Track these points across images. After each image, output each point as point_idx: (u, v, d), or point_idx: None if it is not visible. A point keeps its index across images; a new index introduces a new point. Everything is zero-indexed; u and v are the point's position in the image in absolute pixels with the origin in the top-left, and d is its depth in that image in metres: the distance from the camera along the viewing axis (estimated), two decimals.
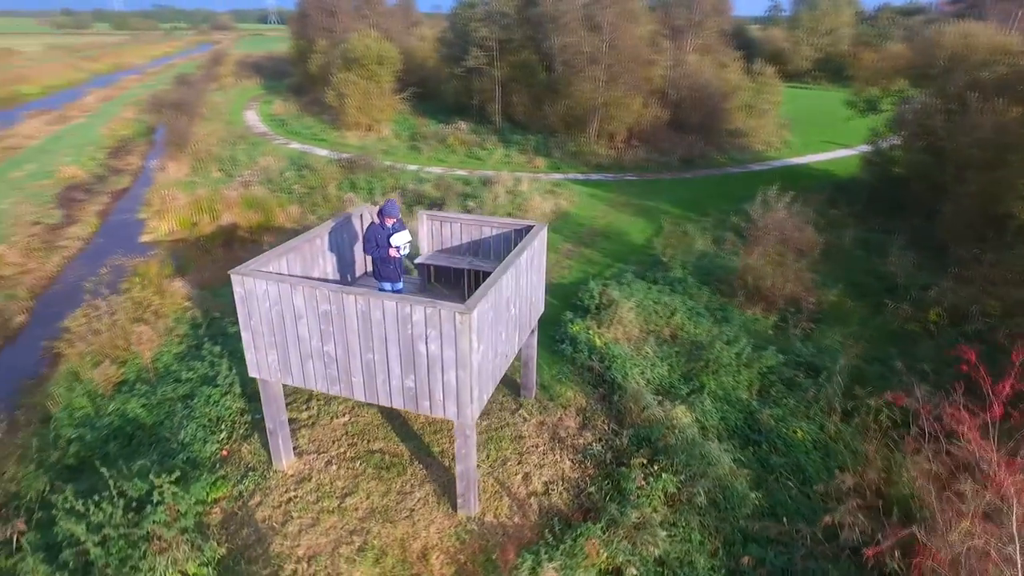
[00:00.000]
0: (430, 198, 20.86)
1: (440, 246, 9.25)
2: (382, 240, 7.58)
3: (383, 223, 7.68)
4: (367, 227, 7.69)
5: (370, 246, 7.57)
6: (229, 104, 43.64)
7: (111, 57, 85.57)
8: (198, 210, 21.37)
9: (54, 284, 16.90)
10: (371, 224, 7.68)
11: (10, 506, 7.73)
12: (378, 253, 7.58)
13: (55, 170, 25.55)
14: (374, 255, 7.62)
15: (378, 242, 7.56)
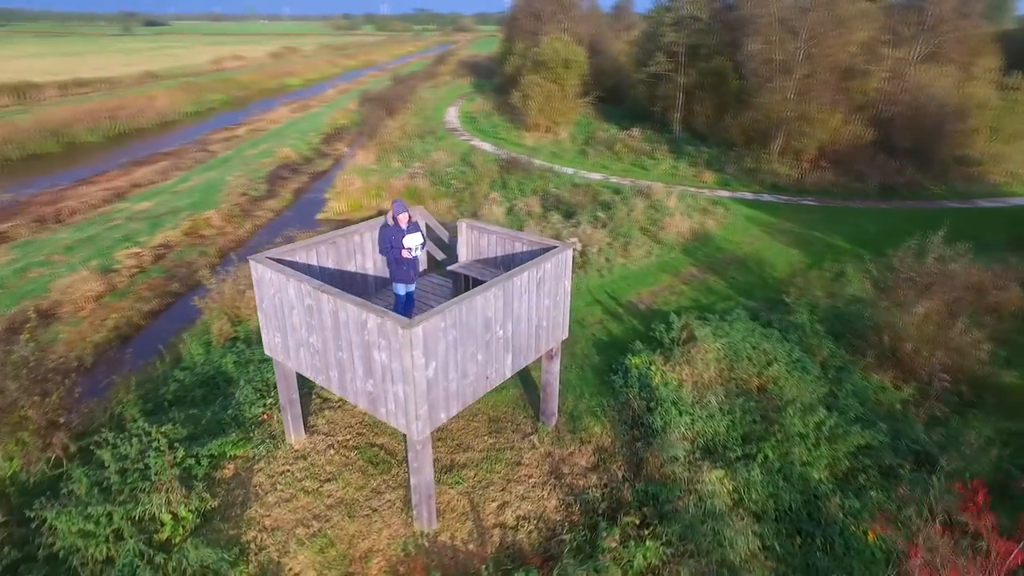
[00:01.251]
0: (567, 204, 20.71)
1: (477, 255, 9.21)
2: (396, 241, 7.76)
3: (396, 224, 7.86)
4: (380, 228, 7.94)
5: (384, 247, 7.80)
6: (436, 100, 47.58)
7: (363, 55, 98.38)
8: (366, 195, 23.81)
9: (240, 247, 20.12)
10: (384, 225, 7.91)
11: (107, 425, 9.46)
12: (392, 254, 7.78)
13: (275, 151, 30.29)
14: (388, 256, 7.84)
15: (392, 243, 7.75)
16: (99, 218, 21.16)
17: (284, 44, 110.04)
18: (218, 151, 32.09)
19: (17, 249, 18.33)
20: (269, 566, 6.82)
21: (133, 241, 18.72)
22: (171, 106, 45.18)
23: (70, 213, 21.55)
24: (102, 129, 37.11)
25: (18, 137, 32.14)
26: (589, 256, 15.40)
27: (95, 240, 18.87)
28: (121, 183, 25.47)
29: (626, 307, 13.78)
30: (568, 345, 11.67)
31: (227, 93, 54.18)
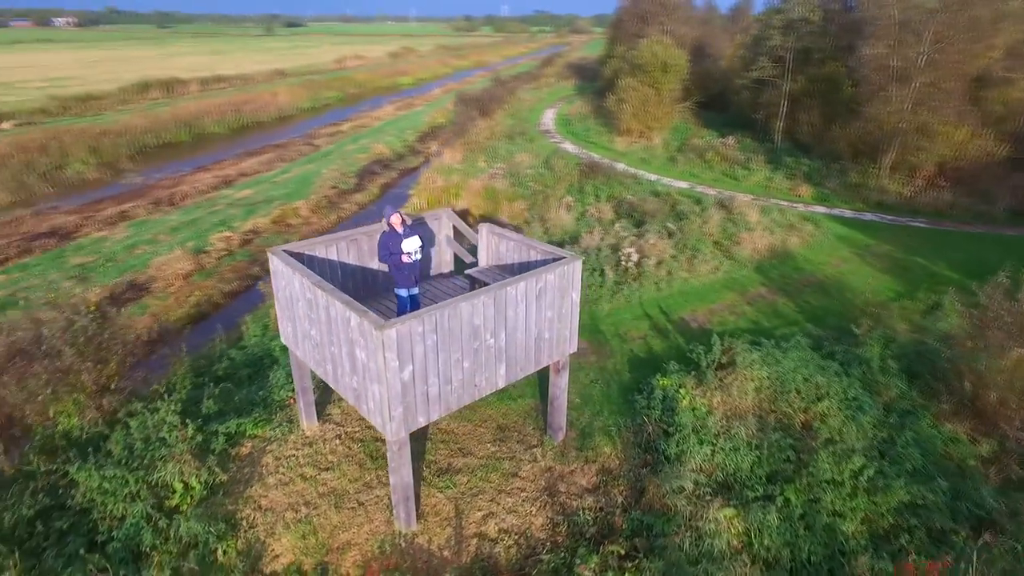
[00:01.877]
0: (641, 212, 20.07)
1: (496, 261, 9.12)
2: (394, 247, 7.84)
3: (392, 229, 7.94)
4: (380, 235, 8.03)
5: (383, 253, 7.87)
6: (535, 102, 47.81)
7: (475, 56, 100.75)
8: (445, 193, 24.37)
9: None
10: (383, 232, 8.00)
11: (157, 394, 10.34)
12: (392, 260, 7.86)
13: (371, 147, 31.76)
14: (388, 262, 7.92)
15: (391, 249, 7.84)
16: (205, 203, 23.20)
17: (403, 44, 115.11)
18: (321, 145, 34.13)
19: (133, 227, 20.50)
20: (255, 544, 7.17)
21: (228, 226, 20.34)
22: (290, 102, 48.61)
23: (182, 197, 23.80)
24: (227, 122, 40.64)
25: (156, 127, 35.92)
26: (645, 268, 14.83)
27: (196, 223, 20.69)
28: (231, 171, 27.78)
29: (677, 324, 13.14)
30: (600, 359, 11.32)
31: (342, 90, 57.48)
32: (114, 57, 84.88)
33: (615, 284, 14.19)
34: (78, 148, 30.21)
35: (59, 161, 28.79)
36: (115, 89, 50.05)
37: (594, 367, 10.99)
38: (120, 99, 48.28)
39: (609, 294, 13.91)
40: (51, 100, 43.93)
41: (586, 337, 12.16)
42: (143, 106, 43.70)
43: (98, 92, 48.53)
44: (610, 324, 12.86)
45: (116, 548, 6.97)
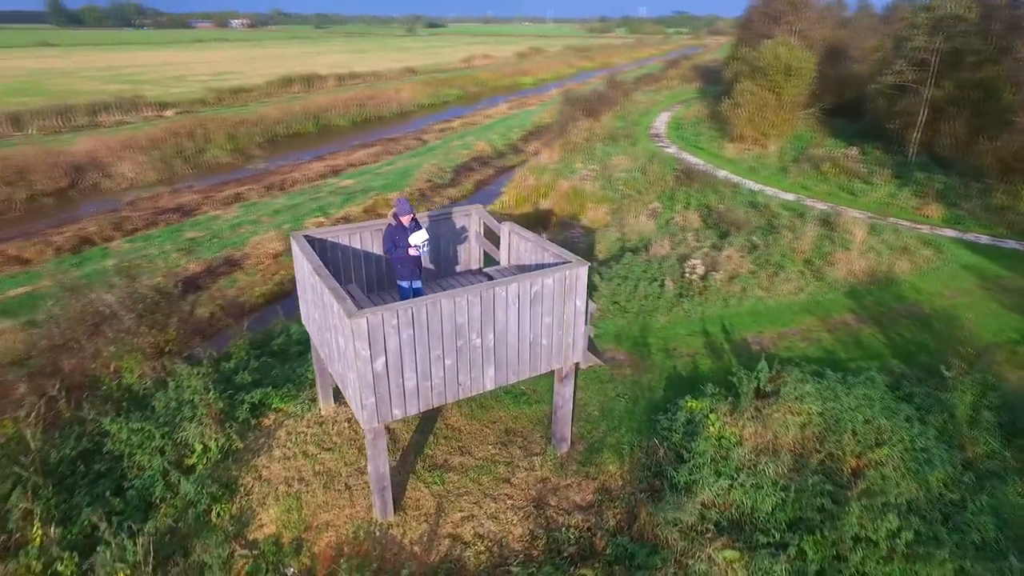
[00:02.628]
0: (728, 222, 18.81)
1: (516, 260, 8.91)
2: (400, 240, 7.87)
3: (400, 223, 7.95)
4: (386, 228, 8.07)
5: (388, 245, 7.92)
6: (650, 105, 46.45)
7: (602, 57, 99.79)
8: (534, 192, 24.38)
9: None
10: (388, 225, 8.04)
11: (211, 360, 11.21)
12: (396, 253, 7.89)
13: (473, 144, 32.46)
14: (392, 255, 7.96)
15: (396, 242, 7.87)
16: (310, 189, 24.91)
17: (532, 45, 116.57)
18: (429, 140, 35.43)
19: (243, 208, 22.47)
20: (246, 511, 7.56)
21: (323, 212, 21.69)
22: (412, 98, 50.94)
23: (292, 183, 25.72)
24: (351, 115, 43.38)
25: (288, 118, 39.13)
26: (711, 281, 13.87)
27: (297, 208, 22.27)
28: (341, 162, 29.60)
29: (736, 345, 12.17)
30: (636, 373, 10.74)
31: (463, 89, 59.31)
32: (270, 55, 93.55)
33: (676, 296, 13.41)
34: (218, 135, 33.62)
35: (201, 146, 32.22)
36: (263, 83, 55.14)
37: (626, 380, 10.45)
38: (265, 92, 53.10)
39: (667, 306, 13.16)
40: (209, 92, 49.24)
41: (628, 348, 11.61)
42: (283, 99, 47.74)
43: (249, 86, 53.72)
44: (660, 338, 12.16)
45: (132, 496, 7.65)
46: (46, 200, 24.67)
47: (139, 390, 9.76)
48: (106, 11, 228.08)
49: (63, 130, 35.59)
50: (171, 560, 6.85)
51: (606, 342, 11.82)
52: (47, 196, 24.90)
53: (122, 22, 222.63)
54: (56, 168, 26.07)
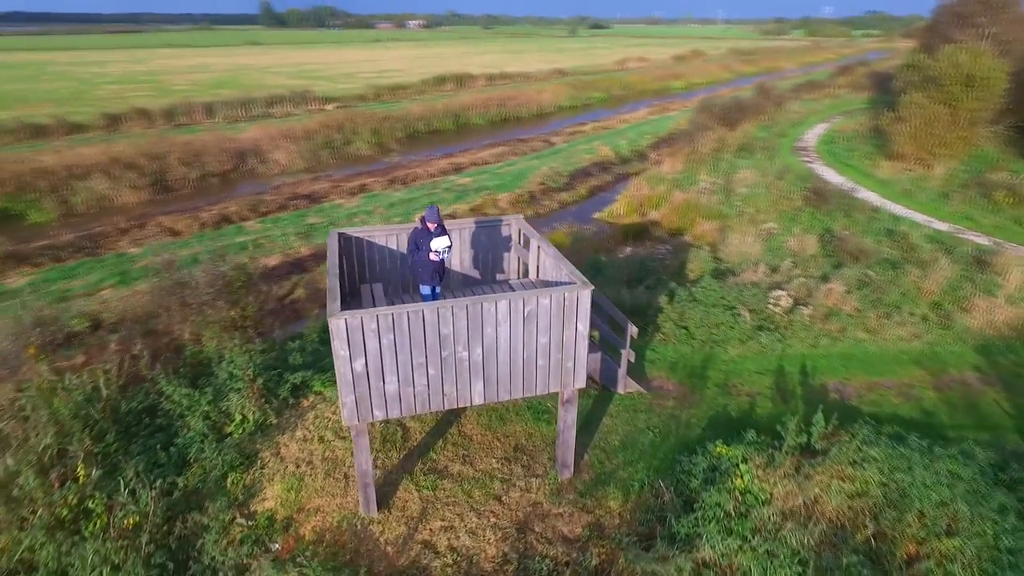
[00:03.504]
0: (849, 251, 16.78)
1: (544, 275, 8.67)
2: (423, 243, 7.98)
3: (426, 228, 8.04)
4: (412, 231, 8.20)
5: (411, 248, 8.06)
6: (806, 115, 42.72)
7: (767, 61, 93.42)
8: (646, 202, 23.57)
9: None
10: (415, 228, 8.16)
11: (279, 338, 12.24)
12: (418, 256, 8.02)
13: (597, 149, 32.03)
14: (414, 257, 8.10)
15: (418, 245, 8.00)
16: (428, 185, 26.14)
17: (694, 47, 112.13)
18: (556, 143, 35.54)
19: (364, 199, 24.16)
20: (256, 483, 8.18)
21: None
22: (552, 100, 51.36)
23: (414, 179, 27.16)
24: (489, 115, 44.77)
25: (429, 116, 41.32)
26: (798, 315, 12.50)
27: (410, 202, 23.49)
28: (465, 160, 30.70)
29: (811, 390, 10.90)
30: (678, 406, 10.01)
31: (607, 92, 58.64)
32: (433, 54, 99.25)
33: (753, 329, 12.27)
34: (364, 129, 36.37)
35: (348, 138, 35.07)
36: (418, 81, 58.70)
37: (664, 413, 9.78)
38: (419, 90, 56.45)
39: (741, 338, 12.09)
40: (369, 88, 53.43)
41: (680, 378, 10.84)
42: (433, 97, 50.39)
43: (405, 83, 57.48)
44: (722, 372, 11.22)
45: (173, 452, 8.62)
46: (212, 180, 28.34)
47: (210, 359, 10.91)
48: (306, 13, 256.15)
49: (242, 119, 40.59)
50: (182, 516, 7.62)
51: (658, 368, 11.15)
52: (214, 177, 28.59)
53: (317, 23, 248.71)
54: (224, 153, 29.83)
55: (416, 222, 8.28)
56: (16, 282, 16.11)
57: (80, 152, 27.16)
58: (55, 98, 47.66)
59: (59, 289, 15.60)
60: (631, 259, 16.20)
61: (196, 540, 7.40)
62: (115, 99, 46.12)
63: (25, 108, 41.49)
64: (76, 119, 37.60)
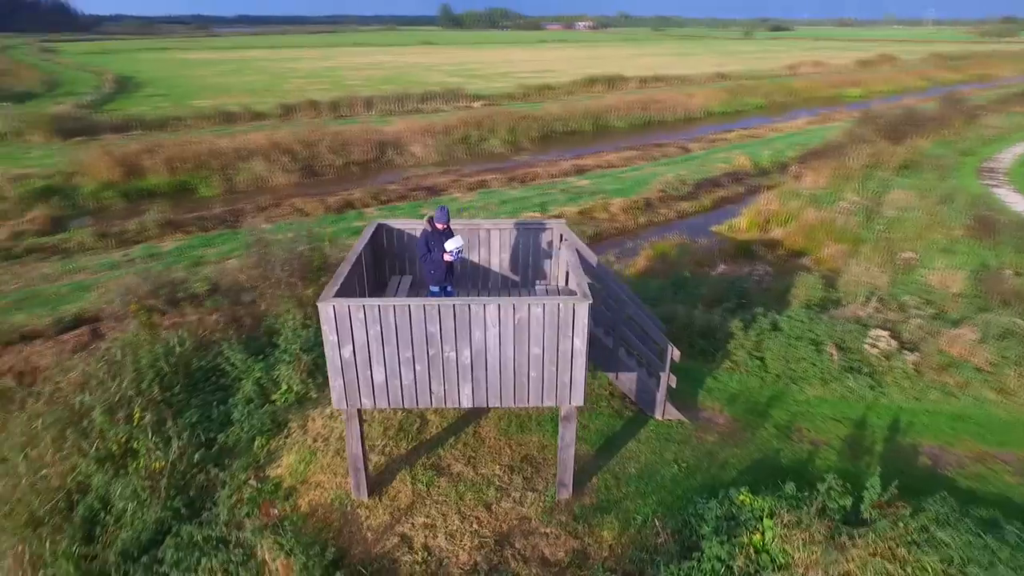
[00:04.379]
0: (1002, 291, 14.07)
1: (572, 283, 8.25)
2: (434, 244, 7.95)
3: (435, 229, 8.00)
4: (421, 232, 8.18)
5: (422, 250, 8.03)
6: (1008, 131, 36.54)
7: (976, 68, 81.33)
8: (773, 219, 21.67)
9: (617, 235, 21.75)
10: (424, 230, 8.13)
11: None
12: (429, 257, 7.99)
13: (733, 159, 29.94)
14: (425, 259, 8.06)
15: (429, 246, 7.98)
16: (546, 185, 26.16)
17: (885, 51, 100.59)
18: (693, 150, 33.82)
19: (480, 195, 24.80)
20: (277, 450, 8.75)
21: (543, 208, 22.66)
22: (703, 105, 48.91)
23: (533, 178, 27.34)
24: (630, 118, 43.74)
25: (567, 117, 41.33)
26: (900, 361, 10.71)
27: (523, 201, 23.69)
28: (589, 162, 30.30)
29: (896, 450, 9.33)
30: (722, 442, 9.06)
31: (768, 98, 54.61)
32: (594, 56, 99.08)
33: (841, 370, 10.73)
34: (501, 127, 37.29)
35: (484, 135, 36.19)
36: (568, 82, 58.96)
37: (700, 448, 8.90)
38: (568, 90, 56.69)
39: (823, 378, 10.65)
40: (519, 88, 54.68)
41: (736, 413, 9.80)
42: (580, 97, 50.23)
43: (555, 84, 58.04)
44: (790, 412, 9.97)
45: (221, 411, 9.50)
46: (353, 168, 30.75)
47: (278, 331, 11.86)
48: (480, 15, 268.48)
49: (395, 113, 43.55)
50: (207, 468, 8.38)
51: (715, 398, 10.17)
52: (355, 165, 31.00)
53: (491, 24, 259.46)
54: (368, 143, 32.22)
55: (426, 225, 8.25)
56: (167, 246, 18.74)
57: (250, 137, 30.84)
58: (251, 89, 54.59)
59: (197, 255, 17.87)
60: (723, 278, 14.93)
61: (213, 492, 8.11)
62: (297, 91, 51.68)
63: (226, 97, 48.05)
64: (259, 108, 42.78)
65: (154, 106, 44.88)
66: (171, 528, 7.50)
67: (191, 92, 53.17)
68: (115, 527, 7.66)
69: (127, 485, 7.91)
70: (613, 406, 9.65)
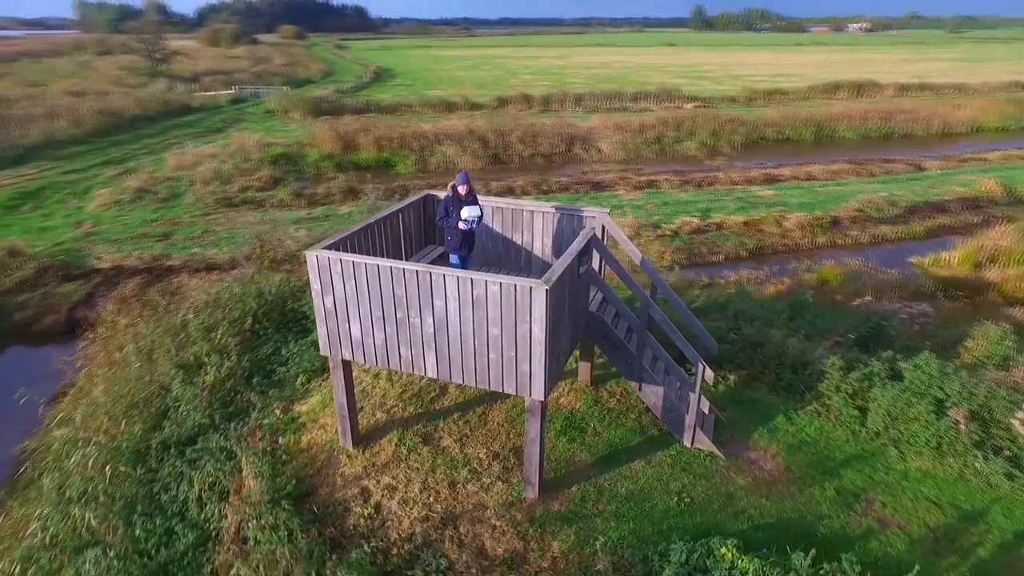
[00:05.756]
0: None
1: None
2: (452, 210, 7.81)
3: (456, 194, 7.82)
4: (444, 197, 8.03)
5: (440, 214, 7.90)
6: None
7: None
8: (1000, 257, 17.46)
9: (786, 253, 19.28)
10: (446, 195, 7.96)
11: None
12: (448, 223, 7.88)
13: (980, 183, 24.39)
14: (442, 224, 7.95)
15: (448, 211, 7.85)
16: (721, 192, 24.13)
17: None
18: (928, 169, 28.36)
19: (643, 195, 23.80)
20: (312, 389, 9.56)
21: (704, 214, 21.01)
22: (972, 118, 40.58)
23: (710, 183, 25.42)
24: (864, 128, 38.08)
25: (783, 123, 37.45)
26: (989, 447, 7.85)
27: (687, 205, 22.19)
28: (784, 172, 27.14)
29: (1007, 562, 7.01)
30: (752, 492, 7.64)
31: None
32: (854, 60, 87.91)
33: (968, 445, 8.25)
34: (703, 130, 35.23)
35: (679, 136, 34.57)
36: (805, 87, 53.29)
37: (719, 488, 7.60)
38: (803, 96, 51.28)
39: (940, 448, 8.30)
40: (743, 92, 51.02)
41: (792, 462, 8.16)
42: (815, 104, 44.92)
43: (789, 88, 52.94)
44: (870, 478, 8.00)
45: (290, 348, 10.69)
46: (538, 159, 31.64)
47: None
48: (735, 16, 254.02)
49: (600, 110, 43.63)
50: (250, 392, 9.53)
51: (775, 439, 8.58)
52: (541, 156, 31.86)
53: (746, 26, 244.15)
54: (557, 137, 32.86)
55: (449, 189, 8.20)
56: (343, 209, 21.34)
57: (451, 123, 33.51)
58: (481, 83, 59.11)
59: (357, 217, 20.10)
60: (859, 310, 12.33)
61: (248, 413, 9.20)
62: (521, 86, 54.58)
63: (457, 88, 52.75)
64: (478, 100, 46.14)
65: (395, 93, 51.08)
66: (204, 432, 8.72)
67: (430, 83, 59.38)
68: (173, 422, 9.13)
69: (189, 391, 9.37)
70: (641, 421, 8.70)
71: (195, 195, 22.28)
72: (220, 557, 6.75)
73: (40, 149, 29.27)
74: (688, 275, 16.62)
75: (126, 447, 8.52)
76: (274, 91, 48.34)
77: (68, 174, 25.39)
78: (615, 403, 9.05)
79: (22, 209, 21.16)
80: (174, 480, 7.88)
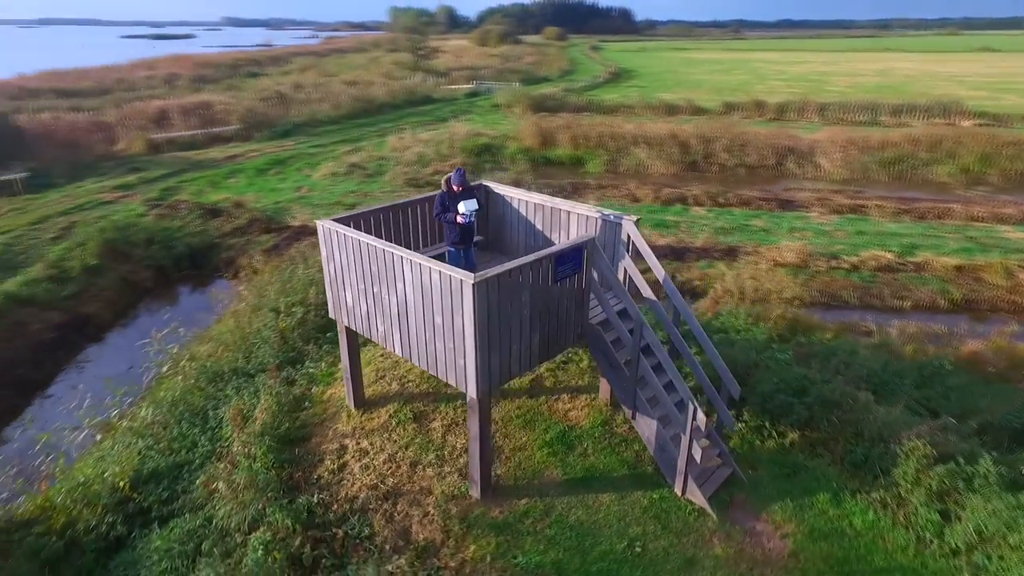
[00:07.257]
0: None
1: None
2: (449, 205, 7.75)
3: (451, 190, 7.74)
4: (438, 193, 7.89)
5: (437, 209, 7.80)
6: None
7: None
8: None
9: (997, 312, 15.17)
10: (440, 192, 7.85)
11: None
12: (445, 217, 7.82)
13: None
14: (440, 218, 7.88)
15: (444, 206, 7.79)
16: (946, 227, 19.71)
17: None
18: None
19: (840, 220, 20.53)
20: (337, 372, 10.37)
21: (907, 250, 17.50)
22: None
23: (938, 215, 20.88)
24: None
25: None
26: None
27: (889, 236, 18.74)
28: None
29: None
30: (737, 561, 6.43)
31: None
32: None
33: None
34: (968, 153, 28.98)
35: (931, 160, 28.90)
36: None
37: (689, 549, 6.49)
38: None
39: None
40: None
41: (810, 552, 6.62)
42: None
43: None
44: None
45: None
46: (740, 171, 29.08)
47: None
48: None
49: (844, 122, 38.34)
50: (309, 345, 10.75)
51: (799, 520, 7.03)
52: (745, 168, 29.20)
53: None
54: (769, 148, 29.77)
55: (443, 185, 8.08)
56: None
57: (654, 126, 32.47)
58: (720, 87, 55.97)
59: None
60: (1019, 391, 9.10)
61: (304, 360, 10.42)
62: (764, 92, 50.27)
63: (692, 92, 50.57)
64: (704, 104, 43.89)
65: (622, 94, 50.97)
66: (264, 369, 10.12)
67: (665, 86, 57.95)
68: (251, 356, 10.75)
69: (269, 333, 10.93)
70: (640, 456, 7.80)
71: (393, 174, 25.20)
72: (213, 471, 7.88)
73: (303, 126, 35.70)
74: (850, 317, 14.06)
75: (212, 368, 10.31)
76: (505, 87, 51.79)
77: (314, 148, 30.61)
78: (625, 430, 8.25)
79: (269, 173, 26.18)
80: (223, 402, 9.34)
